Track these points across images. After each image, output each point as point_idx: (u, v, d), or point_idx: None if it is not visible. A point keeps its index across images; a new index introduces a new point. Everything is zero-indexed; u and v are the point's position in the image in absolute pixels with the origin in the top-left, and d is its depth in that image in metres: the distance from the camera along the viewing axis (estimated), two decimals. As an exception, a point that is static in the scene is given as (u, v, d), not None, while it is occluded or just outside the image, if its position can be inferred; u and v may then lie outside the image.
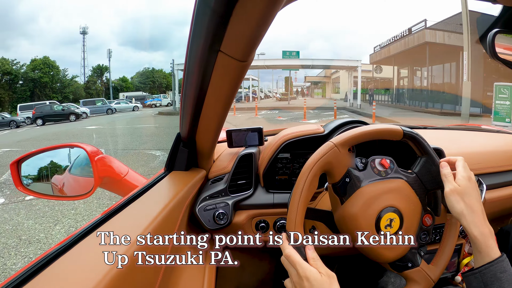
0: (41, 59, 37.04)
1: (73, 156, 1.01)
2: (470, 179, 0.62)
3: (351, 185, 0.65)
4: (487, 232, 0.56)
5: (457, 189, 0.60)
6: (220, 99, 0.61)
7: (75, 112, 20.57)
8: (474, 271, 0.53)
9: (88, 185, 0.89)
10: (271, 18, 0.40)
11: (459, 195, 0.60)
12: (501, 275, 0.50)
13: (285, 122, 12.65)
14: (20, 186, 0.93)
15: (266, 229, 0.87)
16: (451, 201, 0.60)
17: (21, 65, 36.26)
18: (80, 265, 0.40)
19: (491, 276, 0.50)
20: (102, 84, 44.39)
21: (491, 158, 1.04)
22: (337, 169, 0.64)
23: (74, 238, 0.45)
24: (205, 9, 0.40)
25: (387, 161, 0.67)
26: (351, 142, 0.65)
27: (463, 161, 0.65)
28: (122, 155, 6.79)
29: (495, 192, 1.00)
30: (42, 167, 0.98)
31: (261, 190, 0.90)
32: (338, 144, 0.64)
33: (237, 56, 0.47)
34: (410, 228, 0.66)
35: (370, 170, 0.67)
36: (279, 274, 1.15)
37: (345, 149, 0.65)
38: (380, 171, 0.67)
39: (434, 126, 1.49)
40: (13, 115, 21.67)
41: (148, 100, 33.32)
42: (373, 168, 0.67)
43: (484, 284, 0.51)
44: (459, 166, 0.64)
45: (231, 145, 0.95)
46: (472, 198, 0.59)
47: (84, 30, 43.57)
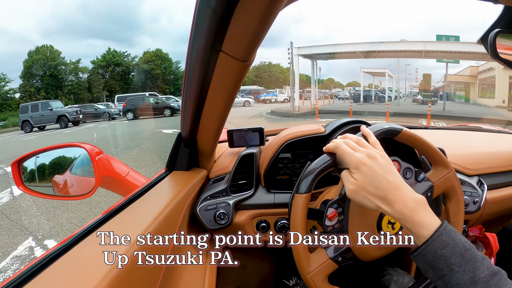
0: (153, 51, 38.54)
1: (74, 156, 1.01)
2: (371, 152, 0.54)
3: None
4: (409, 212, 0.48)
5: (359, 184, 0.52)
6: (221, 99, 0.61)
7: (171, 106, 17.66)
8: (414, 254, 0.48)
9: (89, 185, 0.89)
10: (272, 18, 0.40)
11: (362, 191, 0.52)
12: (443, 251, 0.44)
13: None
14: (22, 186, 0.93)
15: (267, 229, 0.87)
16: (359, 201, 0.53)
17: (133, 57, 38.49)
18: (80, 265, 0.40)
19: (432, 255, 0.45)
20: None
21: (492, 159, 1.04)
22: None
23: (75, 238, 0.45)
24: (206, 9, 0.40)
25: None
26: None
27: (366, 129, 0.61)
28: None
29: (496, 192, 1.00)
30: (43, 166, 0.98)
31: (262, 190, 0.90)
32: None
33: (238, 56, 0.47)
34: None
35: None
36: (280, 274, 1.15)
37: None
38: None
39: (435, 127, 1.49)
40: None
41: (262, 95, 30.10)
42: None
43: (429, 265, 0.46)
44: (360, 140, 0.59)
45: (232, 145, 0.95)
46: (380, 183, 0.51)
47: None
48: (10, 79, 32.75)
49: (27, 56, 33.72)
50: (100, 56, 37.61)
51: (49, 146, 0.95)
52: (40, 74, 33.88)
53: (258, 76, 45.66)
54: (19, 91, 33.09)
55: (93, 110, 19.49)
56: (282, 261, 1.15)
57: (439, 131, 1.40)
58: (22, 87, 32.90)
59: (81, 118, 17.38)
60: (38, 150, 0.95)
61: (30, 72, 33.27)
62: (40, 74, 33.85)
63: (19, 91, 33.03)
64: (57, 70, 34.08)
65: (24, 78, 33.27)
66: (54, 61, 33.97)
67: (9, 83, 32.55)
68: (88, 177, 0.91)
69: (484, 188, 0.95)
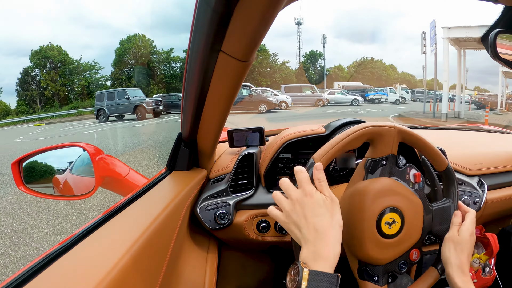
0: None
1: (74, 156, 1.01)
2: (472, 235, 0.65)
3: (383, 169, 0.65)
4: (468, 280, 0.60)
5: (455, 238, 0.64)
6: (221, 99, 0.61)
7: (268, 101, 15.11)
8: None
9: (89, 185, 0.90)
10: (272, 18, 0.40)
11: (453, 244, 0.64)
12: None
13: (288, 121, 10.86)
14: (22, 186, 0.93)
15: (267, 229, 0.87)
16: (444, 246, 0.65)
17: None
18: (80, 265, 0.40)
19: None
20: (315, 71, 42.77)
21: (492, 159, 1.04)
22: (383, 146, 0.65)
23: (75, 238, 0.45)
24: (205, 9, 0.40)
25: (421, 177, 0.67)
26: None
27: (473, 215, 0.67)
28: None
29: (496, 193, 1.00)
30: (44, 166, 0.98)
31: (262, 190, 0.90)
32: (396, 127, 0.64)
33: (238, 56, 0.47)
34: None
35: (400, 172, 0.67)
36: (280, 274, 1.15)
37: (398, 138, 0.65)
38: (409, 181, 0.66)
39: (435, 126, 1.49)
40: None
41: (370, 93, 25.63)
42: (405, 174, 0.67)
43: None
44: (467, 218, 0.67)
45: (232, 145, 0.95)
46: (464, 252, 0.63)
47: (298, 21, 44.05)
48: (101, 67, 33.47)
49: (118, 45, 34.02)
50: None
51: (49, 146, 0.95)
52: (132, 63, 33.78)
53: (360, 72, 42.96)
54: (110, 78, 33.33)
55: (177, 100, 17.07)
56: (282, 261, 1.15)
57: (439, 131, 1.40)
58: (113, 75, 33.03)
59: (161, 109, 15.70)
60: (38, 150, 0.95)
61: (122, 61, 33.21)
62: (132, 62, 33.75)
63: (110, 79, 33.31)
64: (149, 58, 33.72)
65: (116, 66, 33.32)
66: (145, 50, 33.74)
67: (101, 71, 33.05)
68: (88, 177, 0.91)
69: (484, 188, 0.95)
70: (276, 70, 37.26)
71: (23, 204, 3.87)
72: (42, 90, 29.81)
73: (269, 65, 37.55)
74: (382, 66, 45.02)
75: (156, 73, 34.06)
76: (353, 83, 32.08)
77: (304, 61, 43.77)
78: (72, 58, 31.14)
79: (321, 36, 40.32)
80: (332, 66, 45.53)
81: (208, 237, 0.88)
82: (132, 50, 33.18)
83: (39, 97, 29.86)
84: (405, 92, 26.64)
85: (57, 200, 3.34)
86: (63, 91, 30.17)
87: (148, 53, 33.83)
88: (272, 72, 37.20)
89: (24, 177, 0.94)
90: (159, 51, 34.71)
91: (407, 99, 26.06)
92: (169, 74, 34.69)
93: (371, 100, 24.32)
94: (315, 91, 20.12)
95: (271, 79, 35.94)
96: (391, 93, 25.18)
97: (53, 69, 30.21)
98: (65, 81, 30.36)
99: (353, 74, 42.51)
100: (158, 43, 44.32)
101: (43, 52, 29.63)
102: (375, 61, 45.48)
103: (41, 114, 24.41)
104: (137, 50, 33.33)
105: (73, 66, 30.99)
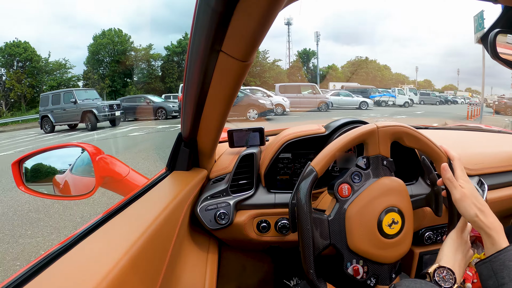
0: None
1: (74, 156, 1.01)
2: (468, 179, 0.64)
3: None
4: (498, 225, 0.59)
5: (466, 193, 0.62)
6: (221, 99, 0.61)
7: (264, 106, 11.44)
8: (485, 260, 0.56)
9: (90, 185, 0.90)
10: (272, 18, 0.40)
11: (469, 199, 0.61)
12: (510, 263, 0.53)
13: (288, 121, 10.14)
14: (22, 186, 0.93)
15: (267, 229, 0.87)
16: (464, 207, 0.61)
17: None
18: (80, 265, 0.39)
19: (499, 264, 0.53)
20: (308, 71, 41.59)
21: (492, 159, 1.04)
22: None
23: (75, 238, 0.45)
24: (205, 8, 0.39)
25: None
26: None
27: (459, 161, 0.66)
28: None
29: (496, 193, 1.00)
30: (44, 167, 0.98)
31: (263, 190, 0.90)
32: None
33: (238, 56, 0.47)
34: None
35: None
36: (280, 274, 1.15)
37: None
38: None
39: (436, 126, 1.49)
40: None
41: (375, 95, 22.28)
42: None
43: (494, 272, 0.53)
44: (457, 168, 0.65)
45: (232, 145, 0.95)
46: (480, 199, 0.61)
47: (288, 21, 43.57)
48: (72, 65, 29.27)
49: (92, 41, 30.28)
50: (175, 41, 31.93)
51: (49, 146, 0.95)
52: (107, 61, 30.35)
53: (354, 72, 41.50)
54: (82, 78, 29.51)
55: (144, 103, 13.53)
56: (282, 261, 1.15)
57: (439, 131, 1.40)
58: (85, 74, 29.58)
59: (119, 115, 12.11)
60: (38, 150, 0.95)
61: (96, 58, 29.96)
62: (107, 60, 30.32)
63: (82, 79, 29.49)
64: (125, 56, 30.10)
65: (89, 65, 30.02)
66: (122, 46, 30.27)
67: (71, 70, 29.04)
68: (89, 177, 0.91)
69: (484, 188, 0.95)
70: (266, 69, 34.88)
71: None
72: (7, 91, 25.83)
73: (258, 64, 34.66)
74: (376, 67, 44.34)
75: (133, 72, 31.45)
76: (353, 83, 30.18)
77: (296, 60, 42.55)
78: (40, 55, 27.47)
79: (315, 34, 38.50)
80: (325, 66, 44.58)
81: (208, 237, 0.88)
82: (107, 46, 29.95)
83: (5, 100, 25.81)
84: (413, 94, 24.51)
85: (57, 200, 3.34)
86: (30, 92, 26.37)
87: (125, 50, 30.48)
88: (262, 71, 34.67)
89: (24, 177, 0.94)
90: (137, 48, 31.44)
91: (415, 101, 23.69)
92: (148, 73, 31.47)
93: (377, 102, 21.13)
94: (317, 91, 16.76)
95: (261, 79, 33.45)
96: (399, 94, 22.00)
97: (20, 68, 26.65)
98: (32, 81, 26.85)
99: (350, 76, 41.13)
100: (137, 40, 41.40)
101: (7, 49, 26.07)
102: (370, 61, 44.59)
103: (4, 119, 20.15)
104: (112, 46, 30.04)
105: (41, 65, 27.31)
